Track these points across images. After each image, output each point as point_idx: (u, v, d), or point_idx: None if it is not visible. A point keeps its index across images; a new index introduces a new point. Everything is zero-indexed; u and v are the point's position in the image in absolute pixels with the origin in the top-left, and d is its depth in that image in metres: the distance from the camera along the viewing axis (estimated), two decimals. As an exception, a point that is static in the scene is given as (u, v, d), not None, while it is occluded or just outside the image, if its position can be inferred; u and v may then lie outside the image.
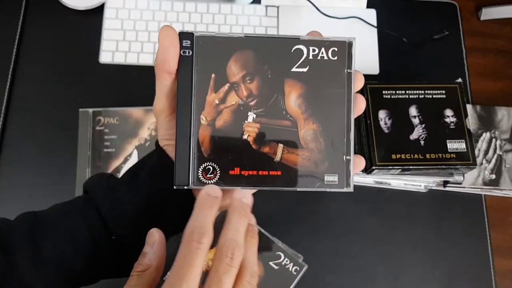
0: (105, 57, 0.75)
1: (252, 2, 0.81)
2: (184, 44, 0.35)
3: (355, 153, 0.38)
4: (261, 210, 0.71)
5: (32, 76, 0.74)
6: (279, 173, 0.36)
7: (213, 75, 0.35)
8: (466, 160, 0.64)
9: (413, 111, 0.66)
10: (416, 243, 0.70)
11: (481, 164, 0.73)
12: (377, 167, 0.64)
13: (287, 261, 0.66)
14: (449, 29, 0.81)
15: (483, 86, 0.80)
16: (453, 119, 0.66)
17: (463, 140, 0.65)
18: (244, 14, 0.79)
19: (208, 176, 0.35)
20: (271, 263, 0.65)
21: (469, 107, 0.75)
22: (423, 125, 0.66)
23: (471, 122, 0.74)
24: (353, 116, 0.37)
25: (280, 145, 0.36)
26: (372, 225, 0.71)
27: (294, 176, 0.36)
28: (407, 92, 0.67)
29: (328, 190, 0.37)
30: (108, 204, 0.37)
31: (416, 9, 0.83)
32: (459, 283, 0.68)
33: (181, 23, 0.78)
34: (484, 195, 0.73)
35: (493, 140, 0.74)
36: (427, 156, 0.64)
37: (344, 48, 0.38)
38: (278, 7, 0.80)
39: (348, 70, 0.37)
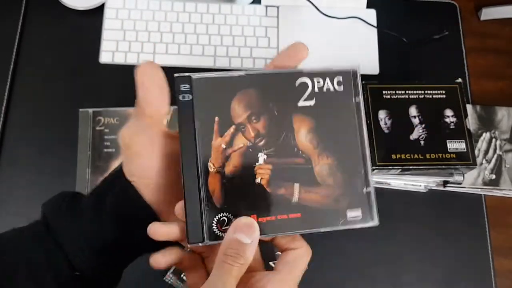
0: (105, 57, 0.76)
1: (252, 2, 0.81)
2: (182, 89, 0.33)
3: None
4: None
5: (32, 76, 0.74)
6: (298, 215, 0.34)
7: (216, 119, 0.33)
8: (466, 160, 0.64)
9: (413, 111, 0.66)
10: (416, 243, 0.70)
11: (481, 164, 0.73)
12: (377, 167, 0.64)
13: (287, 261, 0.66)
14: (449, 29, 0.81)
15: (483, 86, 0.80)
16: (453, 119, 0.66)
17: (463, 140, 0.65)
18: (244, 14, 0.79)
19: (223, 228, 0.32)
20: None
21: (469, 107, 0.75)
22: (423, 125, 0.66)
23: (471, 122, 0.74)
24: (367, 147, 0.35)
25: (296, 185, 0.34)
26: (372, 225, 0.71)
27: (315, 216, 0.34)
28: (407, 92, 0.67)
29: (353, 227, 0.36)
30: (70, 237, 0.33)
31: (416, 9, 0.83)
32: (459, 283, 0.68)
33: (181, 23, 0.78)
34: (484, 195, 0.73)
35: (493, 140, 0.74)
36: (427, 156, 0.64)
37: (350, 77, 0.36)
38: (278, 7, 0.80)
39: (356, 100, 0.35)
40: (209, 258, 0.34)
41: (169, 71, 0.67)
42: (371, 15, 0.81)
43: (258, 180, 0.33)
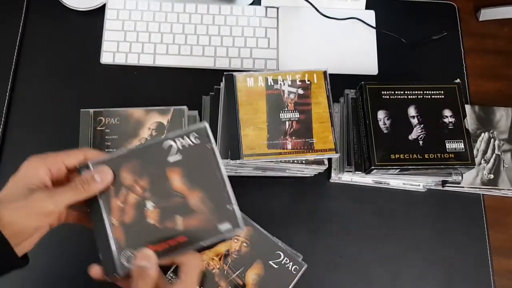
0: (106, 58, 0.76)
1: (252, 3, 0.81)
2: (82, 172, 0.46)
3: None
4: (262, 210, 0.72)
5: (33, 76, 0.75)
6: (185, 238, 0.45)
7: (112, 187, 0.46)
8: (465, 160, 0.65)
9: (412, 111, 0.67)
10: (415, 242, 0.70)
11: (480, 164, 0.73)
12: (376, 167, 0.64)
13: (286, 260, 0.66)
14: (448, 29, 0.82)
15: (482, 87, 0.80)
16: (452, 119, 0.66)
17: (462, 140, 0.65)
18: (244, 15, 0.80)
19: (130, 261, 0.44)
20: (271, 262, 0.66)
21: (467, 107, 0.75)
22: (422, 125, 0.66)
23: (470, 122, 0.75)
24: (225, 175, 0.47)
25: (179, 217, 0.46)
26: (371, 225, 0.71)
27: (197, 236, 0.45)
28: (406, 92, 0.67)
29: (227, 236, 0.46)
30: None
31: (415, 10, 0.84)
32: (457, 283, 0.69)
33: (182, 24, 0.78)
34: (483, 194, 0.73)
35: (492, 140, 0.75)
36: (426, 156, 0.65)
37: (203, 132, 0.48)
38: (277, 8, 0.81)
39: (209, 145, 0.47)
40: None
41: (170, 72, 0.70)
42: (370, 16, 0.82)
43: (150, 221, 0.45)
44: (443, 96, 0.68)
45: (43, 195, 0.42)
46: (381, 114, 0.66)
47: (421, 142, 0.65)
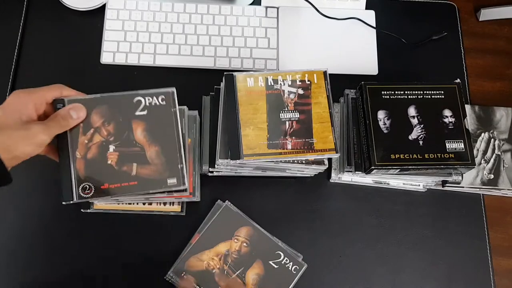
0: (106, 58, 0.76)
1: (252, 3, 0.81)
2: (58, 107, 0.53)
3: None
4: (262, 210, 0.72)
5: (34, 76, 0.75)
6: (136, 182, 0.53)
7: (81, 124, 0.53)
8: (465, 160, 0.65)
9: (412, 111, 0.67)
10: (415, 242, 0.70)
11: (480, 164, 0.73)
12: (376, 167, 0.64)
13: (287, 260, 0.66)
14: (448, 30, 0.82)
15: (482, 87, 0.80)
16: (452, 119, 0.66)
17: (462, 140, 0.65)
18: (244, 15, 0.80)
19: (86, 192, 0.52)
20: (271, 262, 0.66)
21: (467, 107, 0.75)
22: (422, 125, 0.66)
23: (470, 122, 0.75)
24: (182, 138, 0.56)
25: (134, 164, 0.54)
26: (371, 225, 0.71)
27: (146, 183, 0.54)
28: (406, 92, 0.67)
29: (171, 189, 0.54)
30: None
31: (415, 10, 0.84)
32: (457, 282, 0.69)
33: (182, 24, 0.78)
34: (483, 194, 0.73)
35: (492, 140, 0.75)
36: (426, 156, 0.65)
37: (169, 95, 0.56)
38: (278, 8, 0.81)
39: (173, 109, 0.56)
40: None
41: (170, 72, 0.70)
42: (370, 16, 0.82)
43: (109, 162, 0.53)
44: (443, 96, 0.68)
45: (40, 127, 0.49)
46: (381, 114, 0.66)
47: (421, 142, 0.65)
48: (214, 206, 0.68)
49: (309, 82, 0.64)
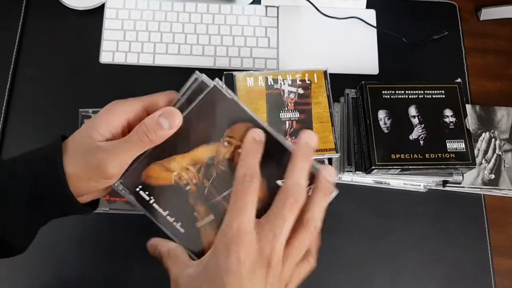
0: (105, 57, 0.76)
1: (252, 3, 0.81)
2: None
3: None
4: (261, 210, 0.71)
5: (33, 76, 0.74)
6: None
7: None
8: (466, 160, 0.65)
9: (412, 111, 0.66)
10: (415, 242, 0.70)
11: (481, 164, 0.73)
12: (376, 167, 0.64)
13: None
14: (449, 29, 0.81)
15: (483, 86, 0.80)
16: (453, 119, 0.66)
17: (463, 140, 0.65)
18: (244, 14, 0.80)
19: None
20: (279, 182, 0.65)
21: (468, 107, 0.75)
22: (423, 125, 0.66)
23: (471, 122, 0.74)
24: None
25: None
26: (371, 225, 0.71)
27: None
28: (406, 92, 0.67)
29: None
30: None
31: (416, 9, 0.84)
32: (458, 283, 0.69)
33: (181, 23, 0.78)
34: (484, 195, 0.73)
35: (493, 140, 0.74)
36: (427, 156, 0.64)
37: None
38: (278, 8, 0.81)
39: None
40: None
41: (169, 71, 0.70)
42: (371, 15, 0.81)
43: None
44: (443, 96, 0.67)
45: (105, 156, 0.37)
46: (381, 114, 0.66)
47: (421, 142, 0.65)
48: (192, 81, 0.45)
49: (309, 82, 0.64)
